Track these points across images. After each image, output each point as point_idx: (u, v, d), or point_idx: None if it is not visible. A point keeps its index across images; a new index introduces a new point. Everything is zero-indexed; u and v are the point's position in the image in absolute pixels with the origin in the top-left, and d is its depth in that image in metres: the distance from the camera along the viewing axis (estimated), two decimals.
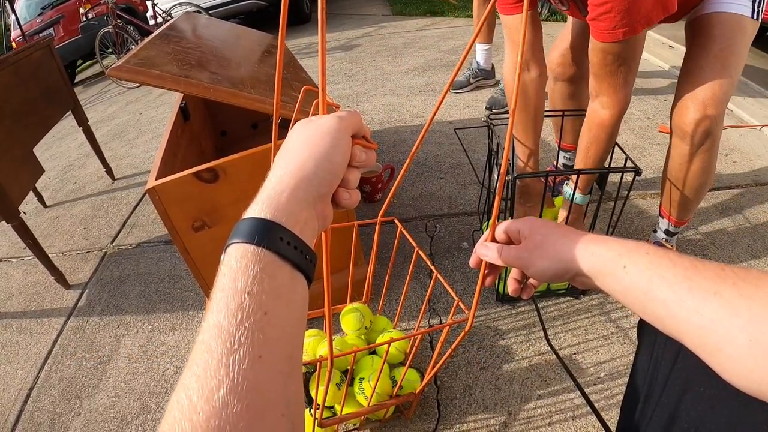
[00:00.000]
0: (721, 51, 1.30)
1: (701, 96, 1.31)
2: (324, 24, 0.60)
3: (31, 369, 1.80)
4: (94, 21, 6.64)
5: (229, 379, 0.38)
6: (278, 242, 0.46)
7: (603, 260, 0.59)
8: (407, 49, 4.74)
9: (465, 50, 0.83)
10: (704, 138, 1.35)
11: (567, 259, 0.64)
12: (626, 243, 0.58)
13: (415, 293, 1.79)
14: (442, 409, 1.39)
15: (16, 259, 2.51)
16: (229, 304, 0.42)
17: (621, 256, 0.57)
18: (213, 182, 1.27)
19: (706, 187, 1.50)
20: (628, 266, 0.56)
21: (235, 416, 0.36)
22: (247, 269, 0.44)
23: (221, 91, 1.24)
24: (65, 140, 4.13)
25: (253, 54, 1.91)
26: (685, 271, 0.50)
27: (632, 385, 0.73)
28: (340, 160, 0.55)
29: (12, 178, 2.01)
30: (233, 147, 1.48)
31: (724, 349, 0.46)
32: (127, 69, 1.15)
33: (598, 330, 1.56)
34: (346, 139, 0.57)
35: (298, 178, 0.51)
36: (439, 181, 2.44)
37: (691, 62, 1.35)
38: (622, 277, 0.56)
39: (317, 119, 0.58)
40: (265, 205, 0.48)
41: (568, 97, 1.84)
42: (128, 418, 1.53)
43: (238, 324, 0.40)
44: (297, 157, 0.54)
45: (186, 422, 0.36)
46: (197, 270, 1.42)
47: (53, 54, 2.59)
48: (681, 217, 1.61)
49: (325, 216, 0.56)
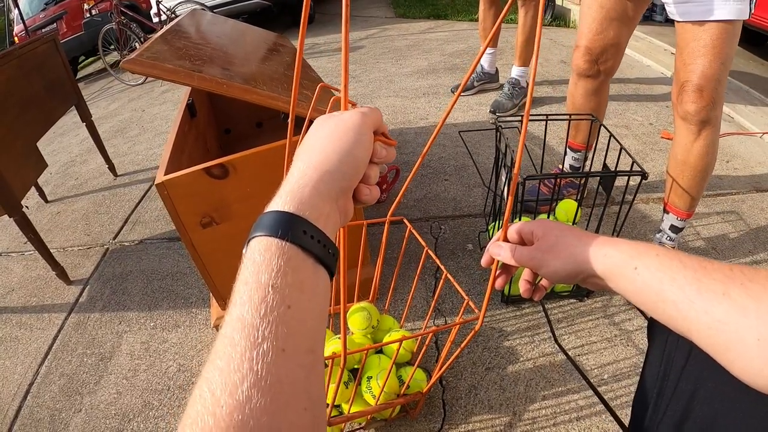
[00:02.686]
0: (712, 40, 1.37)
1: (697, 79, 1.40)
2: (347, 22, 0.60)
3: (30, 364, 1.79)
4: (98, 17, 6.64)
5: (252, 372, 0.38)
6: (302, 236, 0.46)
7: (615, 262, 0.60)
8: (411, 51, 4.74)
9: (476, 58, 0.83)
10: (703, 123, 1.45)
11: (581, 261, 0.65)
12: (637, 245, 0.60)
13: (420, 294, 1.79)
14: (448, 408, 1.39)
15: (17, 254, 2.50)
16: (252, 298, 0.41)
17: (632, 258, 0.58)
18: (223, 178, 1.27)
19: (708, 170, 1.56)
20: (640, 268, 0.57)
21: (259, 410, 0.36)
22: (271, 262, 0.43)
23: (234, 87, 1.23)
24: (67, 136, 4.12)
25: (260, 51, 1.91)
26: (694, 273, 0.52)
27: (643, 383, 0.73)
28: (363, 156, 0.55)
29: (15, 171, 2.01)
30: (237, 145, 1.48)
31: (733, 348, 0.47)
32: (141, 62, 1.15)
33: (602, 332, 1.56)
34: (369, 134, 0.57)
35: (322, 172, 0.51)
36: (444, 183, 2.44)
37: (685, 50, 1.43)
38: (633, 278, 0.57)
39: (340, 114, 0.58)
40: (288, 199, 0.48)
41: (592, 93, 1.86)
42: (130, 415, 1.53)
43: (261, 317, 0.40)
44: (320, 151, 0.53)
45: (209, 416, 0.36)
46: (203, 266, 1.41)
47: (58, 48, 2.58)
48: (686, 208, 1.65)
49: (346, 211, 0.56)
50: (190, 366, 1.65)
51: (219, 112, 2.28)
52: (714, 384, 0.59)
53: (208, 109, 2.16)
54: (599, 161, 1.83)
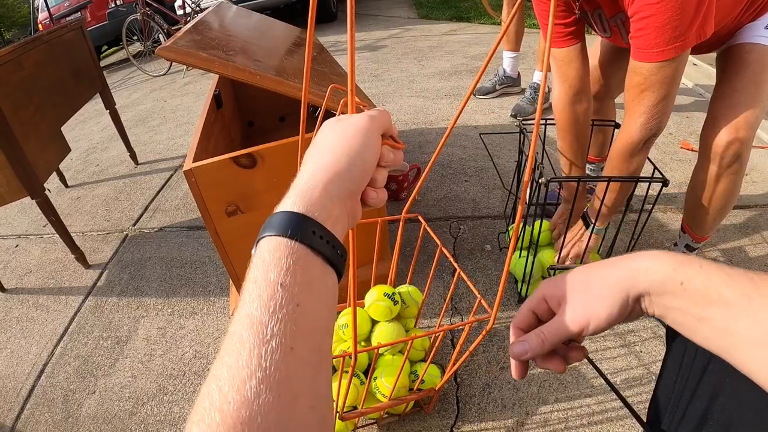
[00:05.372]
0: (754, 75, 1.32)
1: (733, 118, 1.32)
2: (353, 23, 0.60)
3: (46, 345, 1.82)
4: (123, 8, 6.72)
5: (261, 369, 0.38)
6: (311, 236, 0.46)
7: (660, 277, 0.53)
8: (433, 52, 4.75)
9: (490, 52, 0.83)
10: (733, 160, 1.37)
11: (625, 286, 0.55)
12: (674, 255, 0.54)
13: (437, 291, 1.80)
14: (461, 405, 1.40)
15: (35, 236, 2.54)
16: (261, 296, 0.42)
17: (676, 271, 0.52)
18: (250, 168, 1.28)
19: (729, 207, 1.51)
20: (685, 282, 0.51)
21: (267, 407, 0.37)
22: (280, 261, 0.44)
23: (267, 78, 1.25)
24: (88, 123, 4.17)
25: (286, 45, 1.93)
26: (742, 286, 0.48)
27: (660, 390, 0.72)
28: (371, 159, 0.56)
29: (39, 154, 2.04)
30: (260, 138, 1.49)
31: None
32: (176, 50, 1.16)
33: (617, 337, 1.56)
34: (377, 138, 0.58)
35: (331, 174, 0.52)
36: (464, 183, 2.44)
37: (726, 85, 1.36)
38: (680, 293, 0.51)
39: (348, 117, 0.58)
40: (298, 200, 0.49)
41: (593, 113, 1.85)
42: (144, 399, 1.54)
43: (270, 315, 0.41)
44: (330, 153, 0.54)
45: (216, 412, 0.36)
46: (226, 255, 1.43)
47: (85, 36, 2.63)
48: (702, 234, 1.62)
49: (355, 214, 0.56)
50: (207, 353, 1.66)
51: (243, 105, 2.30)
52: (733, 393, 0.58)
53: (233, 101, 2.19)
54: None
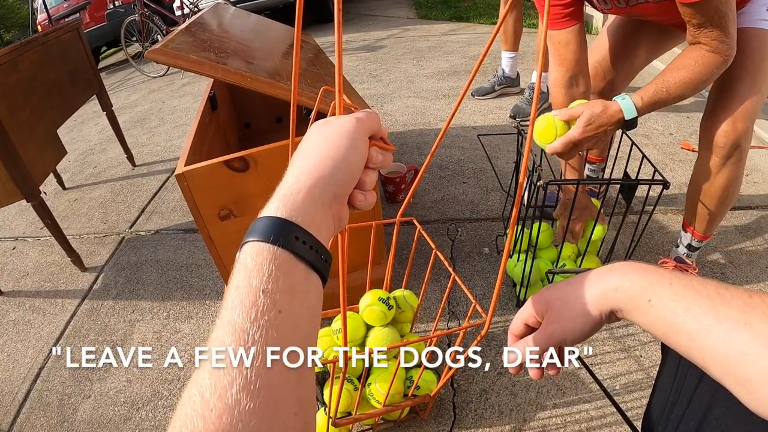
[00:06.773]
0: (753, 64, 1.33)
1: (732, 108, 1.34)
2: (340, 23, 0.59)
3: (42, 348, 1.80)
4: (121, 8, 6.71)
5: (242, 376, 0.38)
6: (294, 241, 0.46)
7: (629, 295, 0.58)
8: (432, 53, 4.74)
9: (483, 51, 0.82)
10: (733, 150, 1.38)
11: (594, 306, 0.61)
12: (647, 273, 0.57)
13: (435, 295, 1.79)
14: (458, 411, 1.38)
15: (33, 239, 2.53)
16: (243, 302, 0.42)
17: (645, 289, 0.56)
18: (243, 171, 1.27)
19: (731, 200, 1.51)
20: (654, 300, 0.55)
21: (248, 414, 0.36)
22: (263, 267, 0.44)
23: (259, 81, 1.23)
24: (86, 125, 4.16)
25: (283, 47, 1.91)
26: (711, 302, 0.50)
27: (656, 398, 0.72)
28: (357, 162, 0.55)
29: (35, 156, 2.03)
30: (257, 140, 1.48)
31: (754, 380, 0.45)
32: (166, 52, 1.15)
33: (616, 342, 1.54)
34: (364, 140, 0.57)
35: (315, 178, 0.51)
36: (462, 185, 2.43)
37: (724, 74, 1.34)
38: (647, 311, 0.55)
39: (335, 120, 0.58)
40: (281, 204, 0.48)
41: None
42: (139, 404, 1.53)
43: (252, 322, 0.40)
44: (314, 157, 0.53)
45: (198, 418, 0.36)
46: (220, 259, 1.42)
47: (81, 37, 2.61)
48: (704, 231, 1.61)
49: (341, 217, 0.56)
50: None
51: (239, 106, 2.29)
52: (729, 403, 0.58)
53: (228, 102, 2.17)
54: (618, 171, 1.81)
